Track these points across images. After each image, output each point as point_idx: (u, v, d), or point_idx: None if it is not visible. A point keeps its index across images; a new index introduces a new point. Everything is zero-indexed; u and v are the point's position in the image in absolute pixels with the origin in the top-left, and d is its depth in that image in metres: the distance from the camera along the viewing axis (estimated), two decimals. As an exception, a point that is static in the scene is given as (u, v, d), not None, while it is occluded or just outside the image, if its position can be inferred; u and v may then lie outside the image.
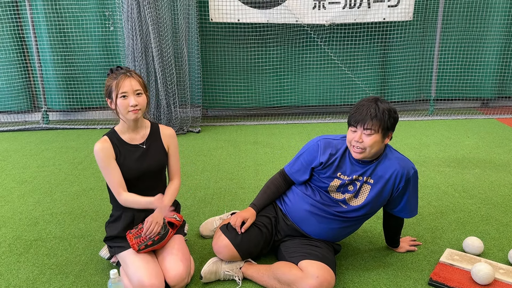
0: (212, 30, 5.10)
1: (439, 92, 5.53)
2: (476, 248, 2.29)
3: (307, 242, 2.11)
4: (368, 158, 1.99)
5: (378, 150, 1.95)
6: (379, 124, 1.88)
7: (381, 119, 1.88)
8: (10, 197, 3.11)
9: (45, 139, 4.58)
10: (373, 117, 1.87)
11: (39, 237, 2.55)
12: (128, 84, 1.96)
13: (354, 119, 1.92)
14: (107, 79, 2.02)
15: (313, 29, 5.11)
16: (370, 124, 1.88)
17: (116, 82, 1.96)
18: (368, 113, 1.88)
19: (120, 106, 1.97)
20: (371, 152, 1.94)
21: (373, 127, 1.88)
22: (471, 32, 5.31)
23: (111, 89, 1.98)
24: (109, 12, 4.89)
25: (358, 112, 1.91)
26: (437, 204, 2.92)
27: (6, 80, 5.07)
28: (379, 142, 1.92)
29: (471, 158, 3.81)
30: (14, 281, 2.13)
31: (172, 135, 2.20)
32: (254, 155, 3.99)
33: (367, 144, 1.90)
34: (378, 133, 1.90)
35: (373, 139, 1.90)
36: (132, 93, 1.96)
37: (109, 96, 2.00)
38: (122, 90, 1.95)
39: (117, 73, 2.00)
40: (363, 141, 1.90)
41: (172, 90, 4.61)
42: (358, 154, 1.95)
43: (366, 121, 1.88)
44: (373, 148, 1.92)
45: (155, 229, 2.01)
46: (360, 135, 1.91)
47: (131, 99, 1.96)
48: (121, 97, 1.96)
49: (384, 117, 1.88)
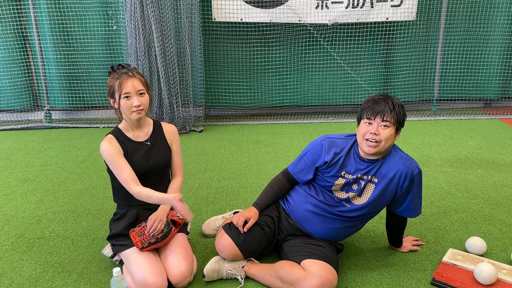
0: (214, 29, 5.10)
1: (442, 92, 5.52)
2: (479, 248, 2.28)
3: (309, 241, 2.11)
4: (379, 153, 1.99)
5: (390, 146, 1.98)
6: (396, 117, 1.93)
7: (398, 113, 1.93)
8: (13, 195, 3.12)
9: (48, 137, 4.59)
10: (392, 110, 1.92)
11: (42, 235, 2.55)
12: (131, 84, 1.96)
13: (372, 111, 1.94)
14: (110, 78, 2.02)
15: (316, 29, 5.11)
16: (389, 116, 1.91)
17: (119, 82, 1.96)
18: (387, 106, 1.92)
19: (124, 107, 1.98)
20: (385, 146, 1.95)
21: (391, 119, 1.92)
22: (474, 32, 5.30)
23: (114, 89, 1.98)
24: (112, 11, 4.90)
25: (376, 104, 1.94)
26: (440, 204, 2.92)
27: (9, 79, 5.08)
28: (393, 136, 1.95)
29: (474, 158, 3.81)
30: (17, 279, 2.13)
31: (174, 132, 2.21)
32: (256, 154, 3.99)
33: (383, 137, 1.92)
34: (393, 127, 1.93)
35: (389, 132, 1.92)
36: (135, 93, 1.97)
37: (112, 96, 2.01)
38: (125, 90, 1.95)
39: (119, 73, 2.00)
40: (379, 134, 1.92)
41: (175, 89, 4.61)
42: (373, 148, 1.94)
43: (385, 112, 1.91)
44: (388, 141, 1.94)
45: (158, 226, 2.02)
46: (377, 127, 1.93)
47: (134, 100, 1.97)
48: (124, 98, 1.96)
49: (400, 111, 1.94)
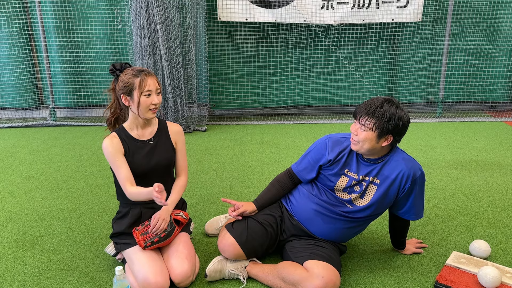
0: (220, 29, 5.10)
1: (448, 94, 5.50)
2: (483, 251, 2.27)
3: (312, 242, 2.10)
4: (365, 154, 2.00)
5: (372, 149, 1.94)
6: (374, 122, 1.88)
7: (378, 119, 1.88)
8: (17, 192, 3.13)
9: (52, 135, 4.60)
10: (370, 114, 1.89)
11: (45, 233, 2.56)
12: (153, 82, 1.99)
13: (355, 111, 1.97)
14: (125, 76, 1.99)
15: (321, 29, 5.10)
16: (365, 119, 1.90)
17: (139, 79, 1.96)
18: (367, 109, 1.90)
19: (143, 104, 1.98)
20: (363, 147, 1.94)
21: (366, 123, 1.90)
22: (480, 34, 5.27)
23: (133, 87, 1.96)
24: (118, 10, 4.91)
25: (361, 106, 1.95)
26: (444, 206, 2.90)
27: (15, 77, 5.10)
28: (372, 141, 1.91)
29: (479, 161, 3.79)
30: (20, 276, 2.14)
31: (179, 132, 2.21)
32: (260, 154, 3.98)
33: (360, 138, 1.93)
34: (372, 131, 1.90)
35: (365, 136, 1.91)
36: (155, 91, 2.00)
37: (129, 93, 1.99)
38: (148, 88, 1.97)
39: (135, 70, 2.00)
40: (357, 134, 1.94)
41: (179, 88, 4.62)
42: (353, 145, 1.99)
43: (362, 115, 1.91)
44: (365, 144, 1.92)
45: (161, 225, 2.02)
46: (357, 128, 1.94)
47: (155, 98, 1.99)
48: (145, 95, 1.97)
49: (382, 118, 1.87)
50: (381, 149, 1.97)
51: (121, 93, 2.02)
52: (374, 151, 1.97)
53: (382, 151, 1.99)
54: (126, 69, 2.03)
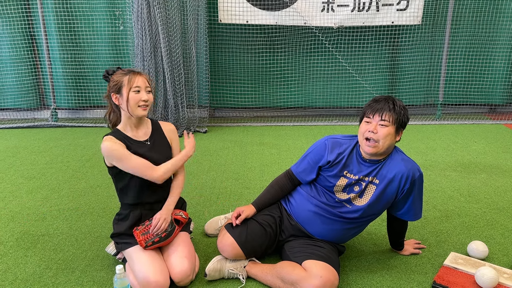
0: (220, 31, 5.13)
1: (447, 97, 5.52)
2: (481, 252, 2.28)
3: (311, 242, 2.12)
4: (379, 154, 2.00)
5: (390, 146, 1.98)
6: (396, 117, 1.94)
7: (398, 113, 1.94)
8: (19, 192, 3.15)
9: (53, 136, 4.62)
10: (391, 109, 1.94)
11: (46, 233, 2.58)
12: (141, 80, 2.02)
13: (371, 109, 1.97)
14: (115, 76, 2.03)
15: (321, 32, 5.12)
16: (388, 115, 1.93)
17: (128, 77, 2.00)
18: (386, 105, 1.94)
19: (132, 100, 2.00)
20: (384, 146, 1.95)
21: (390, 118, 1.93)
22: (480, 37, 5.30)
23: (122, 84, 2.00)
24: (119, 12, 4.94)
25: (376, 103, 1.97)
26: (443, 208, 2.92)
27: (16, 78, 5.13)
28: (392, 136, 1.95)
29: (478, 163, 3.80)
30: (21, 274, 2.16)
31: (173, 130, 2.24)
32: (260, 156, 4.00)
33: (381, 135, 1.93)
34: (392, 126, 1.94)
35: (387, 131, 1.93)
36: (144, 88, 2.03)
37: (118, 91, 2.02)
38: (136, 84, 2.00)
39: (125, 70, 2.05)
40: (377, 132, 1.94)
41: (180, 90, 4.64)
42: (371, 148, 1.96)
43: (384, 111, 1.93)
44: (386, 141, 1.94)
45: (162, 225, 2.04)
46: (375, 125, 1.94)
47: (143, 94, 2.01)
48: (133, 92, 2.00)
49: (401, 111, 1.95)
50: (392, 146, 2.02)
51: (111, 92, 2.04)
52: (389, 149, 2.01)
53: (390, 149, 2.03)
54: (111, 74, 2.06)
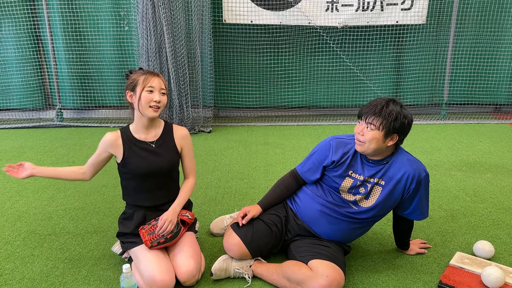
0: (225, 31, 5.14)
1: (452, 96, 5.50)
2: (487, 252, 2.28)
3: (317, 242, 2.12)
4: (370, 155, 2.01)
5: (378, 149, 1.96)
6: (381, 122, 1.90)
7: (384, 118, 1.90)
8: (25, 192, 3.17)
9: (59, 136, 4.64)
10: (377, 114, 1.91)
11: (53, 232, 2.59)
12: (157, 81, 2.03)
13: (360, 111, 1.99)
14: (133, 74, 2.06)
15: (325, 31, 5.12)
16: (371, 119, 1.92)
17: (144, 76, 2.02)
18: (373, 109, 1.92)
19: (144, 99, 2.00)
20: (369, 148, 1.95)
21: (374, 122, 1.91)
22: (485, 36, 5.28)
23: (137, 83, 2.02)
24: (124, 12, 4.96)
25: (366, 106, 1.97)
26: (448, 207, 2.92)
27: (22, 78, 5.16)
28: (379, 141, 1.93)
29: (483, 162, 3.79)
30: (29, 273, 2.17)
31: (185, 136, 2.20)
32: (264, 155, 4.01)
33: (366, 138, 1.94)
34: (379, 131, 1.91)
35: (372, 135, 1.92)
36: (158, 90, 2.02)
37: (133, 89, 2.03)
38: (151, 84, 2.01)
39: (144, 70, 2.07)
40: (363, 135, 1.95)
41: (185, 90, 4.65)
42: (358, 146, 2.00)
43: (369, 115, 1.93)
44: (371, 144, 1.93)
45: (168, 227, 2.04)
46: (363, 128, 1.95)
47: (156, 95, 2.01)
48: (147, 91, 2.00)
49: (389, 117, 1.90)
50: (386, 149, 1.99)
51: (126, 90, 2.07)
52: (379, 151, 1.98)
53: (387, 151, 2.01)
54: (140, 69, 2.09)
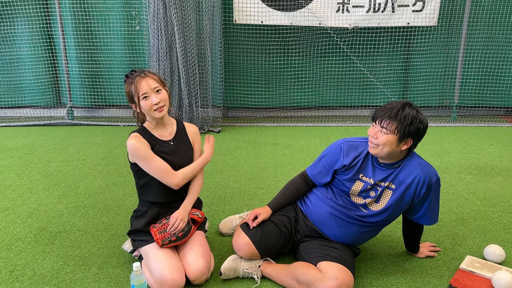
0: (235, 31, 5.15)
1: (462, 99, 5.46)
2: (498, 256, 2.26)
3: (326, 243, 2.12)
4: (383, 158, 2.00)
5: (391, 152, 1.95)
6: (396, 126, 1.88)
7: (400, 122, 1.88)
8: (36, 189, 3.20)
9: (69, 134, 4.68)
10: (392, 118, 1.89)
11: (63, 229, 2.62)
12: (145, 84, 2.00)
13: (375, 114, 1.97)
14: (125, 86, 2.06)
15: (336, 33, 5.11)
16: (387, 123, 1.90)
17: (134, 86, 2.01)
18: (388, 112, 1.90)
19: (145, 107, 2.02)
20: (383, 151, 1.94)
21: (388, 126, 1.89)
22: (496, 39, 5.23)
23: (132, 94, 2.03)
24: (136, 12, 4.99)
25: (381, 109, 1.95)
26: (458, 211, 2.90)
27: (34, 76, 5.21)
28: (393, 144, 1.91)
29: (494, 166, 3.76)
30: (40, 270, 2.19)
31: (196, 132, 2.25)
32: (273, 156, 4.01)
33: (380, 142, 1.93)
34: (393, 135, 1.90)
35: (386, 139, 1.91)
36: (151, 91, 2.01)
37: (132, 100, 2.05)
38: (142, 91, 2.00)
39: (132, 77, 2.04)
40: (377, 138, 1.93)
41: (195, 90, 4.67)
42: (372, 148, 1.98)
43: (383, 118, 1.91)
44: (385, 147, 1.92)
45: (180, 225, 2.06)
46: (377, 131, 1.94)
47: (153, 98, 2.01)
48: (143, 99, 2.01)
49: (404, 121, 1.87)
50: (400, 153, 1.98)
51: (129, 103, 2.09)
52: (393, 155, 1.97)
53: (400, 155, 2.00)
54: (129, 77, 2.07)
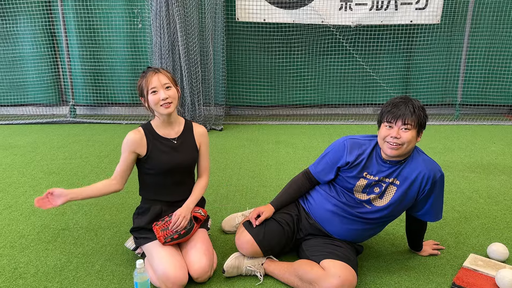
0: (237, 29, 5.14)
1: (465, 97, 5.45)
2: (501, 254, 2.25)
3: (329, 241, 2.12)
4: (402, 155, 1.99)
5: (412, 148, 1.97)
6: (417, 120, 1.92)
7: (419, 116, 1.92)
8: (39, 187, 3.21)
9: (72, 132, 4.69)
10: (413, 114, 1.91)
11: (66, 227, 2.62)
12: (156, 79, 2.02)
13: (392, 115, 1.93)
14: (139, 80, 2.10)
15: (338, 30, 5.10)
16: (410, 119, 1.90)
17: (145, 79, 2.04)
18: (407, 109, 1.91)
19: (151, 102, 2.03)
20: (407, 148, 1.94)
21: (412, 122, 1.91)
22: (500, 37, 5.21)
23: (143, 88, 2.05)
24: (138, 10, 4.99)
25: (396, 108, 1.93)
26: (461, 209, 2.89)
27: (37, 74, 5.22)
28: (414, 139, 1.94)
29: (497, 164, 3.75)
30: (43, 267, 2.20)
31: (204, 134, 2.24)
32: (276, 154, 4.01)
33: (405, 140, 1.91)
34: (414, 129, 1.93)
35: (410, 134, 1.92)
36: (161, 87, 2.02)
37: (142, 94, 2.07)
38: (151, 85, 2.01)
39: (146, 72, 2.08)
40: (401, 137, 1.91)
41: (197, 88, 4.66)
42: (395, 150, 1.94)
43: (406, 116, 1.90)
44: (410, 144, 1.93)
45: (182, 223, 2.06)
46: (398, 131, 1.92)
47: (161, 93, 2.02)
48: (151, 93, 2.02)
49: (421, 113, 1.94)
50: (413, 148, 2.00)
51: (139, 96, 2.11)
52: (410, 151, 2.00)
53: (411, 150, 2.01)
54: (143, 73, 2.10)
